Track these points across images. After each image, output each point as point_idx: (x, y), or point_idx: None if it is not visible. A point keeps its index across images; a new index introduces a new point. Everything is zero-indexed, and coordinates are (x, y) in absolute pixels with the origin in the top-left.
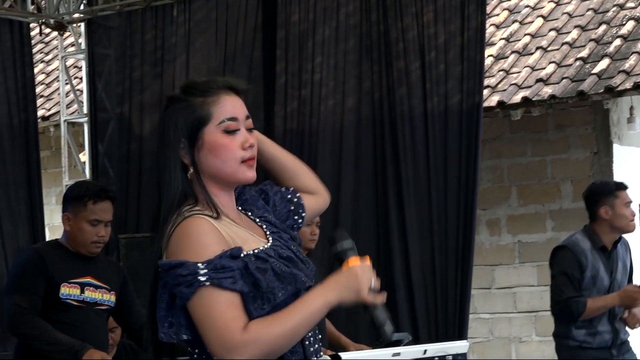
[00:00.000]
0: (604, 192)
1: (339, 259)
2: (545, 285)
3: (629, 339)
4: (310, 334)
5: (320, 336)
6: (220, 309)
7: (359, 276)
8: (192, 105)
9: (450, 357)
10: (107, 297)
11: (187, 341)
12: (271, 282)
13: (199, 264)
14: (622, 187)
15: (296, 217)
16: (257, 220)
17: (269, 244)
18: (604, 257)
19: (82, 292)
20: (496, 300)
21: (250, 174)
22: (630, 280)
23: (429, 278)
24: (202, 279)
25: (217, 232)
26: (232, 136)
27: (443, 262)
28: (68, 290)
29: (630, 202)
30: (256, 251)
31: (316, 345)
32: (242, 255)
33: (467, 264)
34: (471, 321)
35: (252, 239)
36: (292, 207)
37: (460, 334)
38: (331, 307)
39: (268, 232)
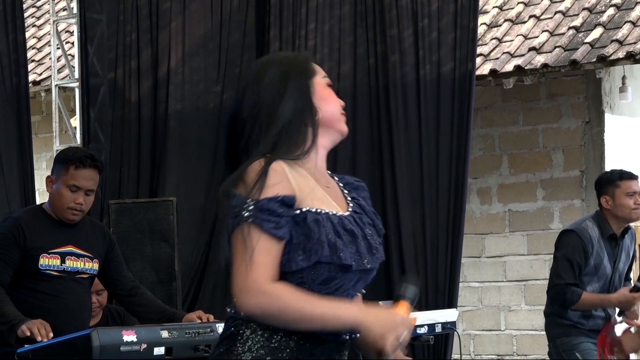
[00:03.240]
0: (606, 181)
1: (396, 298)
2: (535, 254)
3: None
4: None
5: None
6: (255, 250)
7: (396, 324)
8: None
9: (440, 325)
10: (90, 266)
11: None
12: (322, 237)
13: (249, 200)
14: (626, 176)
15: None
16: (347, 195)
17: (339, 214)
18: (609, 247)
19: (63, 262)
20: (486, 268)
21: (345, 127)
22: (630, 268)
23: (419, 246)
24: (246, 214)
25: (287, 179)
26: (332, 92)
27: (434, 230)
28: (48, 261)
29: (635, 191)
30: (319, 210)
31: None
32: (303, 209)
33: (458, 233)
34: (461, 289)
35: (324, 200)
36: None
37: (450, 302)
38: (355, 328)
39: (350, 208)
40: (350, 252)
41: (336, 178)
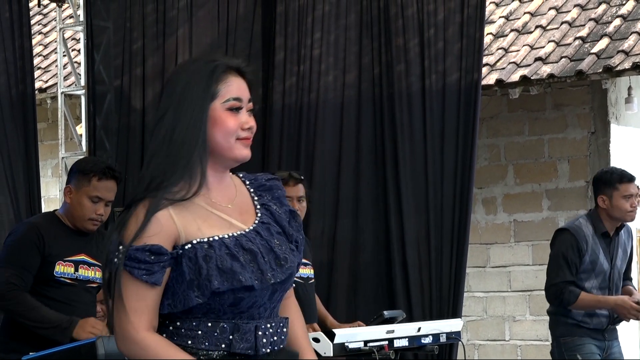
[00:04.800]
0: (605, 181)
1: None
2: (540, 264)
3: (617, 326)
4: (268, 325)
5: (285, 329)
6: (129, 297)
7: None
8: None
9: (444, 335)
10: (100, 275)
11: None
12: (211, 271)
13: (120, 247)
14: (626, 179)
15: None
16: (258, 205)
17: (238, 233)
18: (604, 243)
19: (76, 270)
20: (491, 279)
21: (245, 152)
22: (629, 266)
23: (424, 256)
24: (116, 261)
25: (168, 223)
26: (235, 114)
27: (438, 240)
28: (62, 269)
29: (632, 194)
30: (211, 239)
31: (274, 338)
32: (194, 241)
33: (463, 242)
34: (465, 299)
35: (220, 225)
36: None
37: (455, 312)
38: None
39: (257, 219)
40: (250, 273)
41: (247, 182)
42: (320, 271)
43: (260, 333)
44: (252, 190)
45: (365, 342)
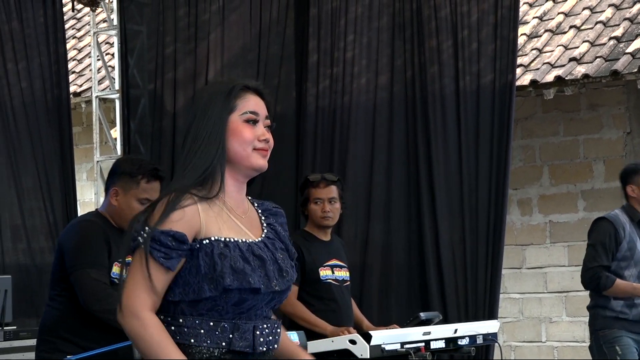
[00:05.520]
0: (631, 172)
1: None
2: (576, 265)
3: None
4: (265, 325)
5: (279, 331)
6: (142, 274)
7: None
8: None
9: (481, 337)
10: None
11: None
12: (225, 268)
13: (146, 227)
14: None
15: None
16: (264, 221)
17: (250, 240)
18: None
19: (122, 272)
20: (527, 280)
21: (261, 161)
22: None
23: (459, 257)
24: (140, 240)
25: (194, 215)
26: (252, 126)
27: (474, 241)
28: (116, 270)
29: None
30: (227, 239)
31: (270, 338)
32: (212, 238)
33: (498, 244)
34: (501, 301)
35: (236, 229)
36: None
37: (491, 314)
38: None
39: (264, 234)
40: (258, 276)
41: (256, 204)
42: (352, 274)
43: (257, 332)
44: (259, 211)
45: (402, 344)
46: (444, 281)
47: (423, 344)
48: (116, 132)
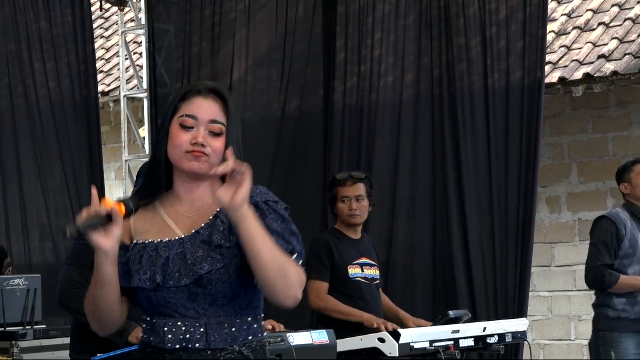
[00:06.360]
0: (621, 170)
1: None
2: None
3: None
4: (179, 323)
5: (202, 330)
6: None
7: None
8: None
9: (510, 335)
10: None
11: None
12: (120, 269)
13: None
14: (638, 161)
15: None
16: (211, 217)
17: (166, 239)
18: None
19: None
20: (556, 278)
21: (190, 164)
22: None
23: (488, 255)
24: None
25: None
26: (185, 130)
27: (503, 239)
28: None
29: None
30: (145, 241)
31: (187, 336)
32: (137, 241)
33: (527, 242)
34: (530, 299)
35: (159, 230)
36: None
37: (520, 312)
38: None
39: (194, 230)
40: (150, 274)
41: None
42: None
43: (166, 329)
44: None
45: (431, 342)
46: (472, 279)
47: (452, 342)
48: (144, 131)
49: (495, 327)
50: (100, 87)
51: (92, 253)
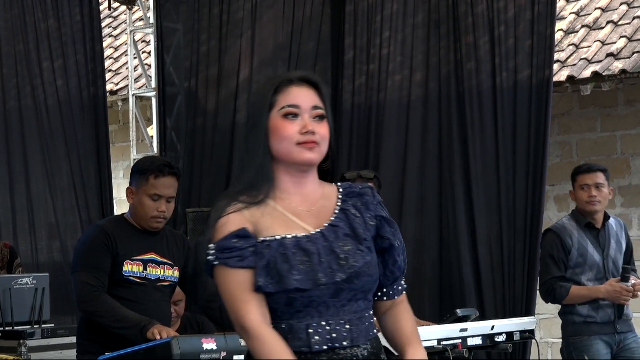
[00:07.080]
0: (571, 175)
1: None
2: None
3: (632, 320)
4: (323, 323)
5: (347, 326)
6: (232, 289)
7: None
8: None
9: (518, 333)
10: (170, 273)
11: None
12: (260, 270)
13: (210, 245)
14: (583, 169)
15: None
16: (337, 210)
17: (301, 234)
18: (591, 235)
19: (145, 269)
20: None
21: (306, 155)
22: (628, 260)
23: (496, 254)
24: (211, 258)
25: (241, 220)
26: (291, 121)
27: (511, 238)
28: (131, 268)
29: (588, 184)
30: (272, 238)
31: (334, 335)
32: (264, 238)
33: (535, 240)
34: (538, 297)
35: (287, 226)
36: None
37: (528, 310)
38: None
39: (327, 224)
40: (300, 274)
41: (341, 189)
42: None
43: (311, 331)
44: (341, 197)
45: (439, 341)
46: (480, 277)
47: (460, 340)
48: (153, 130)
49: (503, 325)
50: (109, 86)
51: (97, 253)
